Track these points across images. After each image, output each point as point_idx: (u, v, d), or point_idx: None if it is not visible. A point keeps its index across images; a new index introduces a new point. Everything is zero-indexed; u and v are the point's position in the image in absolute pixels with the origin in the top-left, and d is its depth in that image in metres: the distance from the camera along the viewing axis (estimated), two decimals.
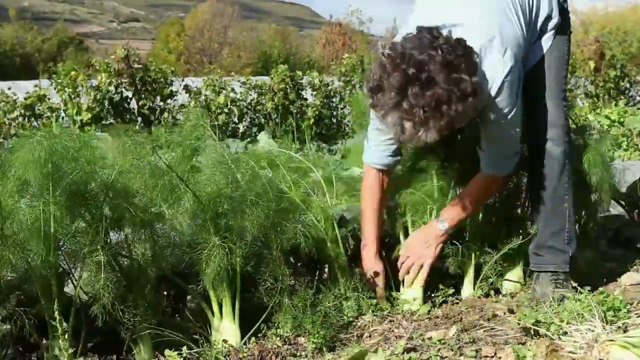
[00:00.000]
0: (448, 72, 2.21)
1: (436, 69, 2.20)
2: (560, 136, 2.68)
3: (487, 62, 2.43)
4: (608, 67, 15.30)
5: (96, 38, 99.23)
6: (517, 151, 2.65)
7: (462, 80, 2.22)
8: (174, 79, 13.00)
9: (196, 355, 2.30)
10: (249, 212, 2.37)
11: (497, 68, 2.44)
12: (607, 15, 39.06)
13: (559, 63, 2.74)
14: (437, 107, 2.21)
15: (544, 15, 2.68)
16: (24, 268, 2.17)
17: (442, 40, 2.27)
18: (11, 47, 45.93)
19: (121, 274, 2.27)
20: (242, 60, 40.74)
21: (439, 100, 2.20)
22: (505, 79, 2.44)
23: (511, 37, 2.50)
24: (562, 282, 2.70)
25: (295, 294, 2.47)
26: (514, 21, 2.54)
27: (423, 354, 2.22)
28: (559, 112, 2.70)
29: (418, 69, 2.20)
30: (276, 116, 13.23)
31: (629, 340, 1.97)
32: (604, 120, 10.09)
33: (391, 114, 2.25)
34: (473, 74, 2.26)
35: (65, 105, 11.86)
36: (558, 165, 2.69)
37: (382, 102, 2.26)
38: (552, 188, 2.71)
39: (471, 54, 2.31)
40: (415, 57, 2.22)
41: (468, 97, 2.24)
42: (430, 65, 2.21)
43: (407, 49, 2.25)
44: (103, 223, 2.20)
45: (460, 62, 2.24)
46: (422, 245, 2.75)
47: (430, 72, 2.20)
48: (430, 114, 2.21)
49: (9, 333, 2.28)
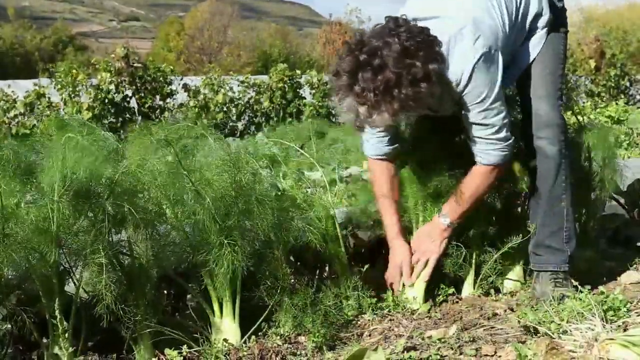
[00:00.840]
0: (401, 57, 2.30)
1: (389, 55, 2.29)
2: (555, 135, 2.68)
3: (457, 50, 2.46)
4: (608, 66, 15.32)
5: (96, 37, 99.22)
6: (502, 137, 2.59)
7: (413, 65, 2.30)
8: (173, 78, 13.01)
9: (196, 354, 2.30)
10: (256, 211, 2.38)
11: (468, 55, 2.45)
12: (608, 13, 39.07)
13: (555, 62, 2.75)
14: (387, 90, 2.29)
15: (534, 12, 2.69)
16: (24, 267, 2.17)
17: (404, 28, 2.35)
18: (11, 46, 45.91)
19: (122, 273, 2.27)
20: (242, 60, 40.74)
21: (389, 84, 2.29)
22: (476, 64, 2.45)
23: (486, 27, 2.50)
24: (561, 281, 2.70)
25: (295, 293, 2.47)
26: (495, 15, 2.55)
27: (423, 353, 2.22)
28: (554, 112, 2.70)
29: (370, 54, 2.30)
30: (274, 115, 13.23)
31: (629, 339, 1.97)
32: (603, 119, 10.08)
33: (346, 98, 2.34)
34: (430, 61, 2.34)
35: (65, 104, 11.87)
36: (554, 164, 2.69)
37: (337, 86, 2.35)
38: (549, 187, 2.71)
39: (432, 42, 2.38)
40: (371, 44, 2.32)
41: (419, 82, 2.31)
42: (384, 51, 2.30)
43: (366, 36, 2.36)
44: (106, 222, 2.20)
45: (418, 48, 2.32)
46: (427, 241, 2.76)
47: (383, 57, 2.29)
48: (381, 97, 2.30)
49: (10, 332, 2.28)
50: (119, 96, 12.06)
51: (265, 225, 2.41)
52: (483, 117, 2.54)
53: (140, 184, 2.31)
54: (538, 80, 2.72)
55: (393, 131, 2.77)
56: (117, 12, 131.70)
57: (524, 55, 2.72)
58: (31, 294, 2.26)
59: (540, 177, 2.72)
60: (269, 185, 2.54)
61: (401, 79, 2.29)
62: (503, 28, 2.56)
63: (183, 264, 2.48)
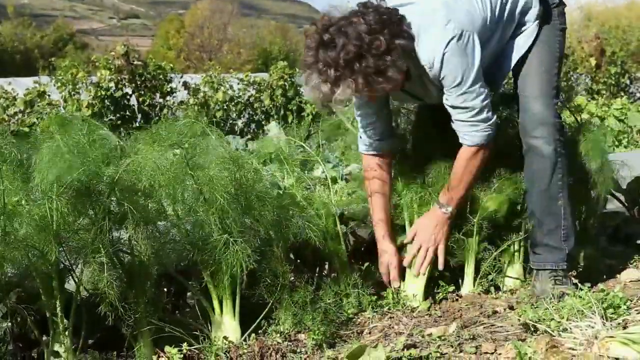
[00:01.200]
0: (365, 34, 2.32)
1: (352, 32, 2.32)
2: (550, 134, 2.68)
3: (427, 34, 2.48)
4: (608, 64, 15.31)
5: (96, 35, 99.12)
6: (484, 118, 2.59)
7: (377, 39, 2.33)
8: (173, 76, 12.99)
9: (196, 352, 2.31)
10: (256, 208, 2.38)
11: (437, 38, 2.47)
12: (607, 10, 39.01)
13: (550, 60, 2.76)
14: (349, 64, 2.31)
15: (522, 4, 2.70)
16: (25, 264, 2.17)
17: (372, 9, 2.38)
18: (11, 43, 45.87)
19: (122, 271, 2.27)
20: (242, 57, 40.68)
21: (350, 58, 2.31)
22: (447, 48, 2.46)
23: (460, 10, 2.52)
24: (561, 278, 2.70)
25: (295, 291, 2.47)
26: (476, 5, 2.56)
27: (423, 351, 2.22)
28: (549, 110, 2.70)
29: (335, 32, 2.33)
30: (275, 113, 13.22)
31: (629, 336, 1.97)
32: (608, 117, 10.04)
33: (310, 76, 2.36)
34: (396, 37, 2.36)
35: (66, 102, 11.85)
36: (550, 163, 2.69)
37: (302, 64, 2.39)
38: (545, 186, 2.71)
39: (400, 21, 2.41)
40: (337, 24, 2.35)
41: (383, 54, 2.33)
42: (348, 29, 2.33)
43: (334, 18, 2.39)
44: (107, 220, 2.20)
45: (383, 26, 2.35)
46: (430, 231, 2.75)
47: (347, 35, 2.32)
48: (342, 72, 2.32)
49: (10, 329, 2.28)
50: (119, 93, 12.04)
51: (265, 223, 2.41)
52: (462, 101, 2.56)
53: (141, 183, 2.30)
54: (533, 79, 2.73)
55: (383, 124, 2.78)
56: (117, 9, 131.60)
57: (516, 49, 2.73)
58: (31, 292, 2.26)
59: (537, 176, 2.72)
60: (268, 183, 2.53)
61: (363, 53, 2.31)
62: (483, 13, 2.57)
63: (183, 262, 2.48)
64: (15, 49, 45.62)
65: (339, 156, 6.41)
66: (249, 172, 2.45)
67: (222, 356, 2.27)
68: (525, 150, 2.74)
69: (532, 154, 2.71)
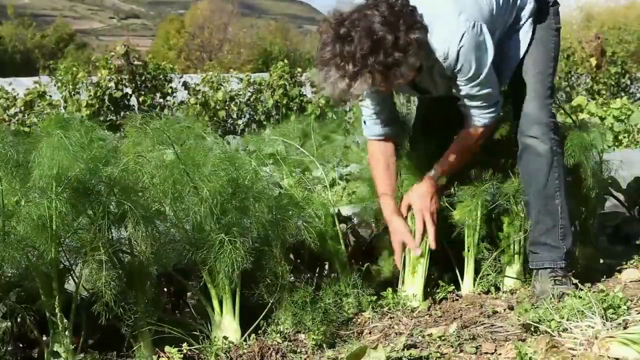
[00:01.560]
0: (379, 26, 2.28)
1: (365, 26, 2.28)
2: (545, 133, 2.69)
3: (440, 26, 2.45)
4: (609, 64, 15.30)
5: (96, 35, 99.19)
6: (495, 102, 2.67)
7: (392, 32, 2.29)
8: (173, 76, 12.99)
9: (196, 352, 2.31)
10: (253, 208, 2.37)
11: (452, 31, 2.47)
12: (607, 10, 39.01)
13: (545, 60, 2.77)
14: (365, 59, 2.28)
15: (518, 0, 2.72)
16: (24, 265, 2.17)
17: (384, 1, 2.34)
18: (11, 43, 45.89)
19: (122, 271, 2.27)
20: (243, 57, 40.67)
21: (366, 52, 2.27)
22: (462, 40, 2.46)
23: (470, 2, 2.52)
24: (561, 278, 2.70)
25: (295, 291, 2.47)
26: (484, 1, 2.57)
27: (423, 351, 2.22)
28: (543, 110, 2.72)
29: (350, 26, 2.29)
30: (276, 112, 13.21)
31: (629, 336, 1.97)
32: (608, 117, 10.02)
33: (328, 73, 2.32)
34: (412, 30, 2.33)
35: (66, 102, 11.85)
36: (546, 162, 2.70)
37: (318, 60, 2.35)
38: (541, 186, 2.72)
39: (413, 12, 2.37)
40: (351, 17, 2.31)
41: (399, 48, 2.29)
42: (363, 22, 2.29)
43: (346, 12, 2.36)
44: (106, 220, 2.20)
45: (398, 18, 2.31)
46: (428, 199, 2.73)
47: (362, 29, 2.28)
48: (360, 67, 2.28)
49: (10, 329, 2.27)
50: (119, 94, 12.04)
51: (263, 223, 2.41)
52: (478, 90, 2.59)
53: (140, 181, 2.31)
54: (528, 79, 2.75)
55: (387, 112, 2.80)
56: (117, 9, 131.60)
57: (515, 48, 2.75)
58: (31, 292, 2.26)
59: (533, 176, 2.73)
60: (267, 184, 2.53)
61: (380, 47, 2.28)
62: (489, 3, 2.58)
63: (183, 262, 2.48)
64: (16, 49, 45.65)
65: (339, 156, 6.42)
66: (248, 172, 2.45)
67: (222, 356, 2.27)
68: (521, 150, 2.75)
69: (528, 153, 2.72)
